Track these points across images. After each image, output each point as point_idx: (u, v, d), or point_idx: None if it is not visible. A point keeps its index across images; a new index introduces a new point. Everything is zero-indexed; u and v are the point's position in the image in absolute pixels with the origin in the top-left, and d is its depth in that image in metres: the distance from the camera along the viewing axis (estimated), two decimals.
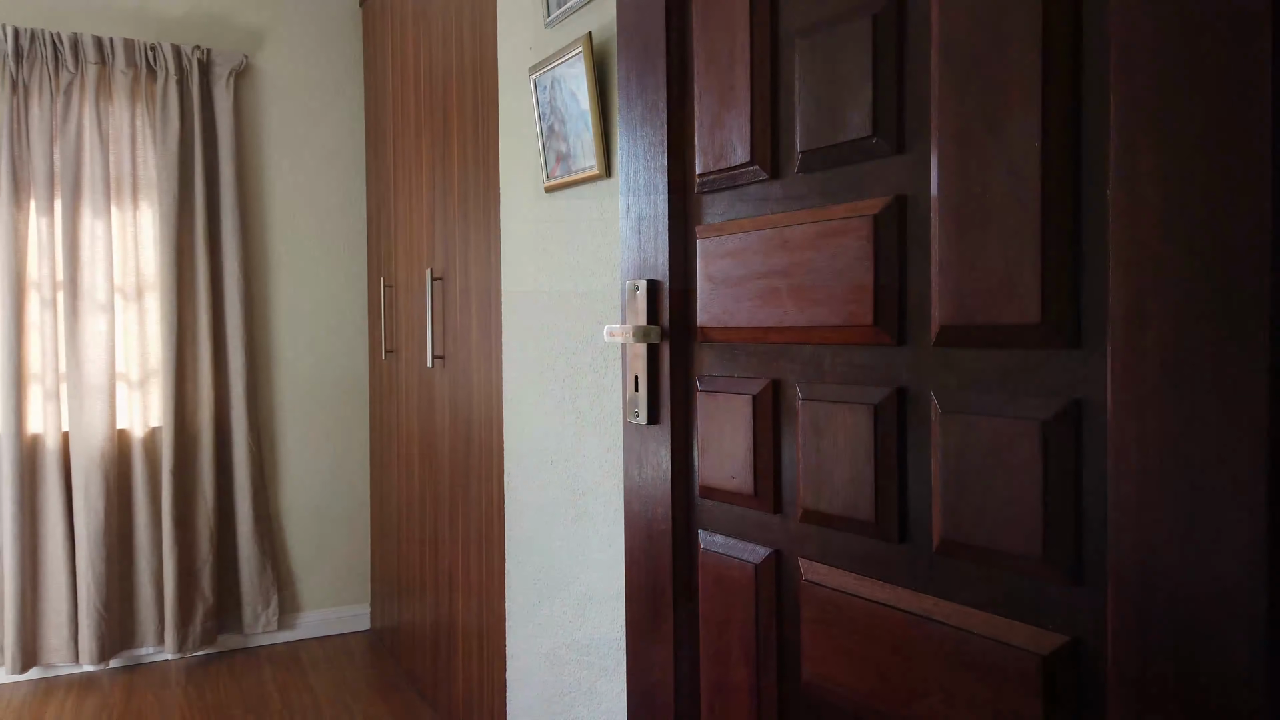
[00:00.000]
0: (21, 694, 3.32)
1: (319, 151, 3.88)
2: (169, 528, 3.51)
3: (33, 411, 3.38)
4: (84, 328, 3.42)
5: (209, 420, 3.60)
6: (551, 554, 2.11)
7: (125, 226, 3.50)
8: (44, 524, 3.39)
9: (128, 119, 3.48)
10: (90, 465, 3.40)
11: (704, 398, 1.27)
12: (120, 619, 3.50)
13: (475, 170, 2.55)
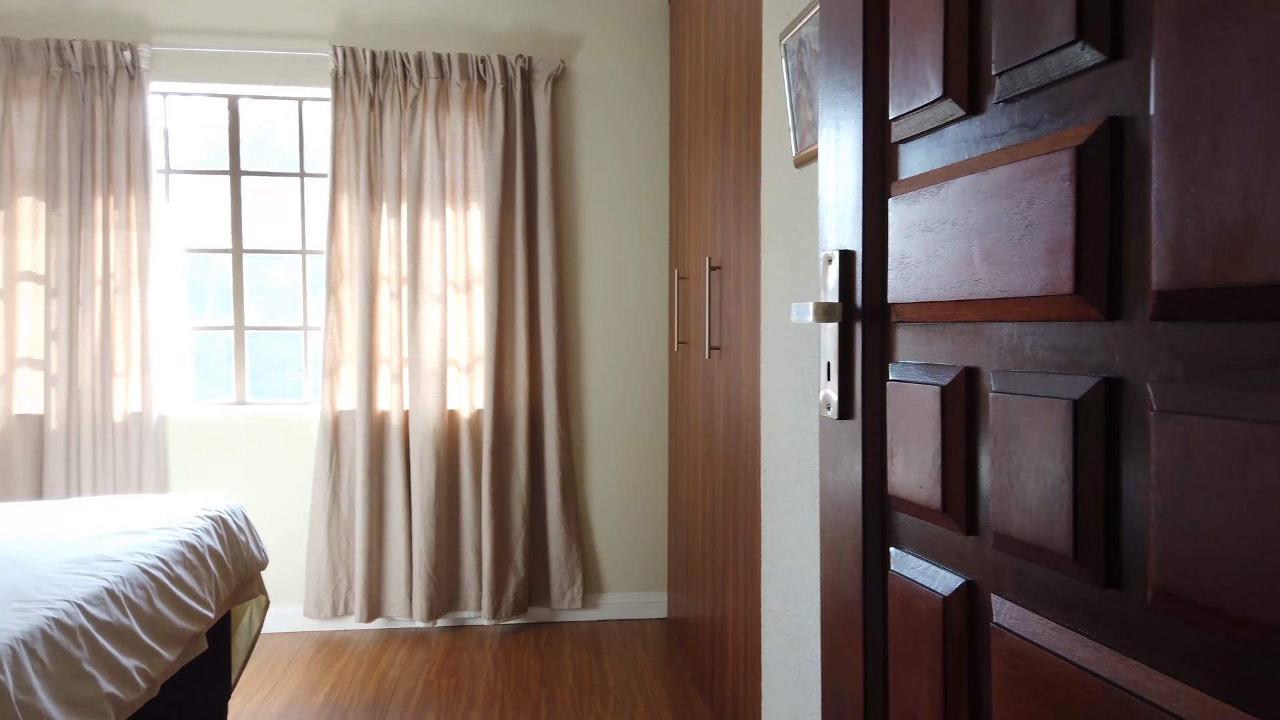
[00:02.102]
0: (367, 640, 3.78)
1: (627, 148, 3.98)
2: (487, 503, 3.80)
3: (381, 391, 3.82)
4: (422, 318, 3.80)
5: (524, 405, 3.85)
6: (794, 557, 1.94)
7: (457, 226, 3.84)
8: (388, 492, 3.82)
9: (461, 127, 3.81)
10: (425, 441, 3.78)
11: (894, 389, 1.05)
12: (446, 583, 3.85)
13: (745, 150, 2.43)
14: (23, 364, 3.64)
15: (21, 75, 3.60)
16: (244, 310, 3.93)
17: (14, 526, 2.42)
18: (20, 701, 1.54)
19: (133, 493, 3.66)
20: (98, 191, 3.63)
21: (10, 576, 1.93)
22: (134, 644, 1.98)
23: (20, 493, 3.62)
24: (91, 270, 3.63)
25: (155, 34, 3.71)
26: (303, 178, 3.97)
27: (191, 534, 2.46)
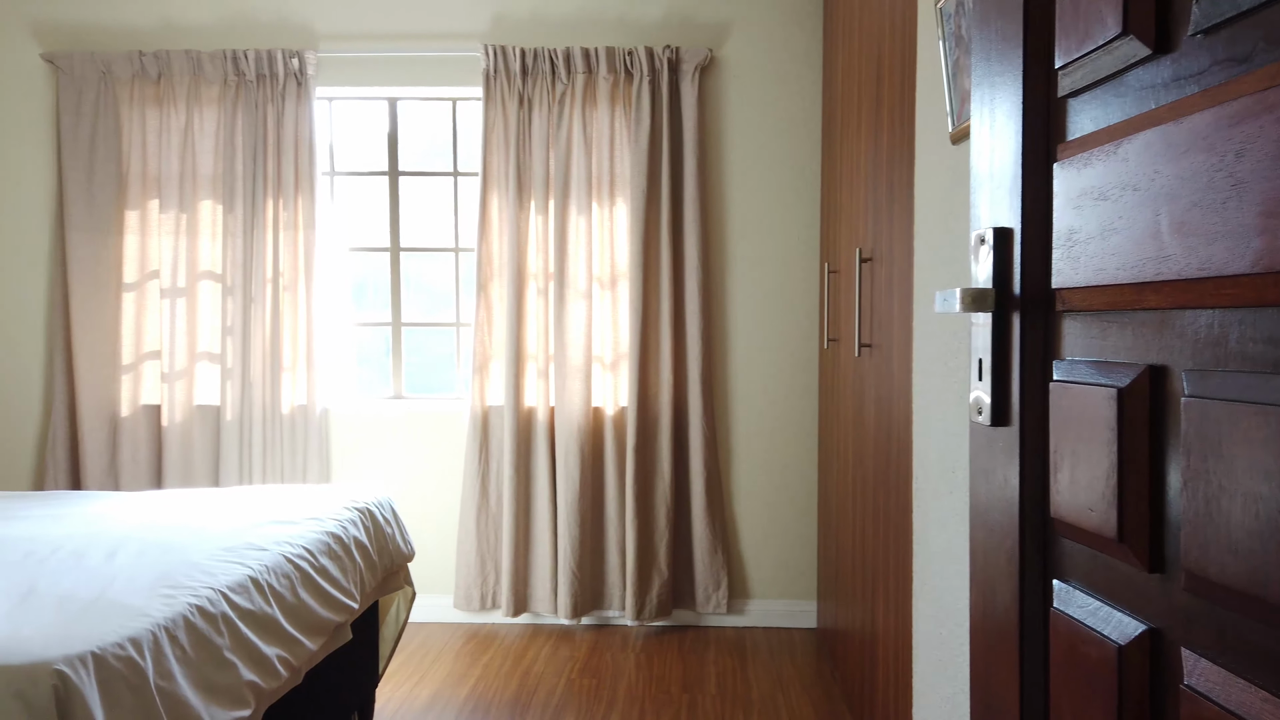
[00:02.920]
0: (514, 634, 3.80)
1: (776, 137, 3.83)
2: (631, 502, 3.74)
3: (528, 387, 3.84)
4: (568, 314, 3.78)
5: (668, 403, 3.76)
6: (948, 576, 1.76)
7: (603, 221, 3.80)
8: (534, 487, 3.83)
9: (607, 121, 3.76)
10: (569, 438, 3.76)
11: (1059, 391, 0.88)
12: (590, 581, 3.82)
13: (898, 129, 2.25)
14: (203, 358, 3.87)
15: (202, 85, 3.82)
16: (401, 307, 4.04)
17: (179, 512, 2.55)
18: (159, 687, 1.58)
19: (298, 481, 3.83)
20: (269, 194, 3.81)
21: (165, 562, 2.01)
22: (276, 632, 2.02)
23: (199, 478, 3.86)
24: (263, 269, 3.81)
25: (321, 40, 3.86)
26: (456, 176, 4.04)
27: (338, 525, 2.51)
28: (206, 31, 3.87)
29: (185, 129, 3.82)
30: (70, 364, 3.85)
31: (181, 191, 3.82)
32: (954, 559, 1.75)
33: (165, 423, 3.83)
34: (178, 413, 3.83)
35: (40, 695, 1.36)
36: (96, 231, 3.83)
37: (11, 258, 3.93)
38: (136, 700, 1.52)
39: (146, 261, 3.85)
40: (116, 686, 1.49)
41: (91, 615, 1.64)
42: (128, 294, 3.84)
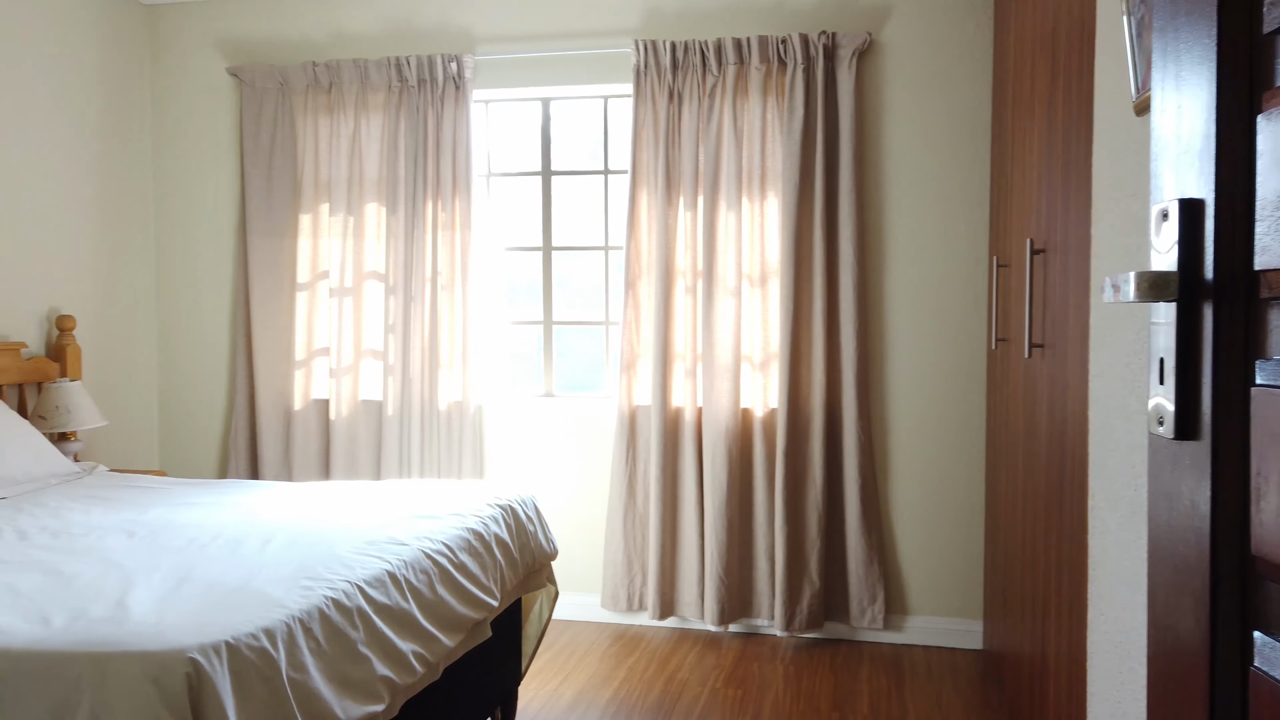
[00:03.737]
0: (660, 638, 3.74)
1: (940, 124, 3.59)
2: (780, 507, 3.60)
3: (675, 387, 3.76)
4: (716, 312, 3.68)
5: (820, 405, 3.60)
6: (1128, 608, 1.54)
7: (753, 217, 3.68)
8: (681, 489, 3.76)
9: (759, 113, 3.64)
10: (717, 440, 3.66)
11: (1263, 397, 0.71)
12: (738, 587, 3.71)
13: (1074, 103, 2.02)
14: (367, 355, 4.03)
15: (369, 92, 3.97)
16: (552, 305, 4.06)
17: (333, 504, 2.62)
18: (291, 679, 1.60)
19: (453, 476, 3.91)
20: (428, 196, 3.91)
21: (310, 553, 2.06)
22: (412, 628, 2.04)
23: (363, 470, 4.01)
24: (422, 269, 3.92)
25: (479, 44, 3.93)
26: (606, 174, 4.02)
27: (480, 522, 2.52)
28: (373, 40, 4.02)
29: (353, 135, 3.98)
30: (250, 360, 4.09)
31: (349, 195, 3.99)
32: (1137, 587, 1.54)
33: (333, 416, 4.00)
34: (344, 407, 4.00)
35: (174, 683, 1.40)
36: (273, 235, 4.05)
37: (203, 260, 4.22)
38: (268, 691, 1.54)
39: (317, 262, 4.04)
40: (249, 677, 1.52)
41: (232, 604, 1.69)
42: (300, 293, 4.04)
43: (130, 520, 2.42)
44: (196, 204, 4.23)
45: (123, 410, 4.08)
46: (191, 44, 4.18)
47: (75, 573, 1.91)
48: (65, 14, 3.78)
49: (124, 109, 4.10)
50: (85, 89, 3.89)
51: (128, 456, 4.10)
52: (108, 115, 4.00)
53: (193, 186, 4.23)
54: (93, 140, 3.93)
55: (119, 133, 4.07)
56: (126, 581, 1.83)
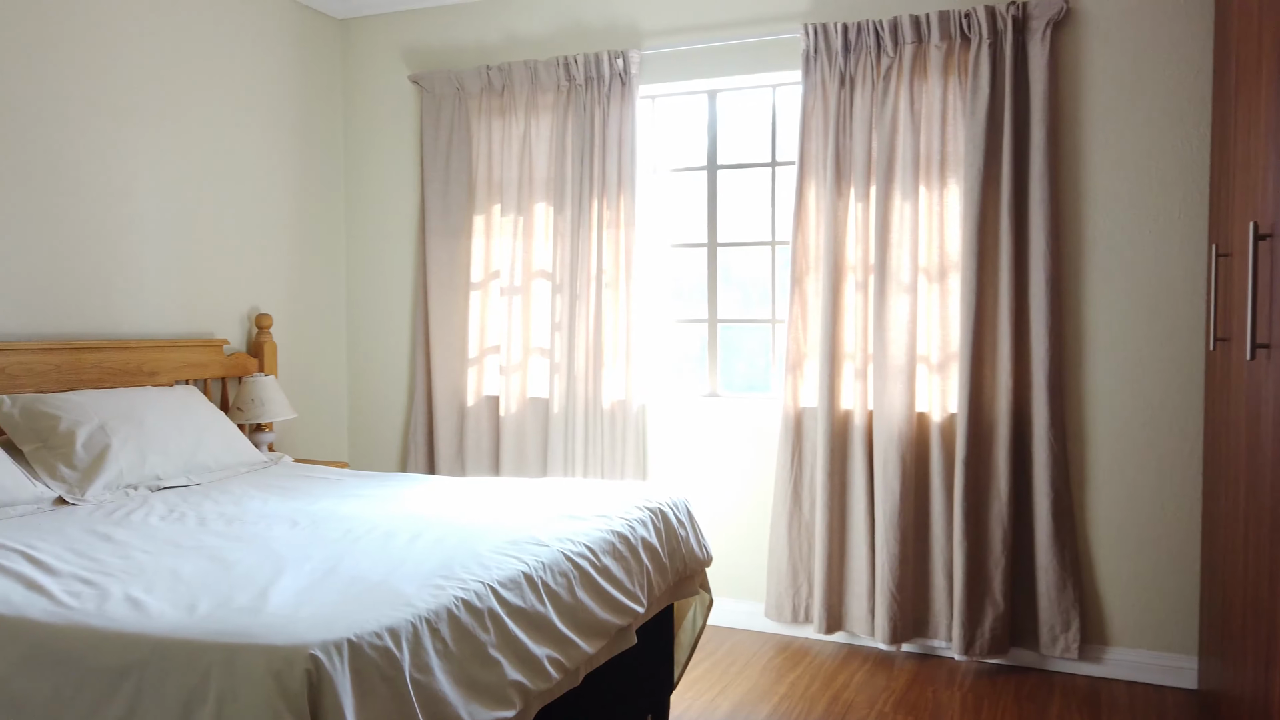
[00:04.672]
0: (826, 653, 3.55)
1: (1151, 98, 3.19)
2: (960, 520, 3.33)
3: (844, 388, 3.56)
4: (889, 309, 3.45)
5: (1006, 411, 3.29)
6: None
7: (931, 206, 3.42)
8: (850, 497, 3.55)
9: (939, 95, 3.38)
10: (889, 446, 3.43)
11: None
12: (912, 605, 3.46)
13: None
14: (535, 352, 4.07)
15: (539, 93, 4.01)
16: (717, 303, 3.95)
17: (486, 501, 2.64)
18: (415, 680, 1.58)
19: (616, 475, 3.89)
20: (594, 194, 3.90)
21: (451, 551, 2.05)
22: (548, 632, 1.99)
23: (530, 467, 4.06)
24: (588, 267, 3.92)
25: (645, 39, 3.88)
26: (774, 167, 3.87)
27: (626, 524, 2.45)
28: (543, 41, 4.05)
29: (524, 136, 4.04)
30: (428, 357, 4.24)
31: (519, 195, 4.04)
32: None
33: (503, 413, 4.08)
34: (513, 404, 4.06)
35: (294, 678, 1.40)
36: (449, 235, 4.18)
37: (388, 261, 4.42)
38: (390, 692, 1.53)
39: (490, 262, 4.13)
40: (370, 676, 1.50)
41: (364, 600, 1.69)
42: (474, 293, 4.14)
43: (299, 510, 2.53)
44: (382, 207, 4.42)
45: (315, 404, 4.33)
46: (379, 54, 4.38)
47: (235, 560, 1.99)
48: (266, 30, 4.05)
49: (318, 118, 4.35)
50: (283, 101, 4.15)
51: (318, 448, 4.35)
52: (303, 125, 4.26)
53: (379, 190, 4.43)
54: (290, 148, 4.19)
55: (313, 141, 4.32)
56: (277, 571, 1.89)
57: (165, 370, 3.49)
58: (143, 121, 3.50)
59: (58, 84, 3.19)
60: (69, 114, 3.23)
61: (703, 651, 3.54)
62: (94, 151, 3.32)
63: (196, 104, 3.73)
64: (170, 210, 3.62)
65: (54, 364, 3.11)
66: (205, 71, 3.76)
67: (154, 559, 2.01)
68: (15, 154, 3.06)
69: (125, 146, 3.43)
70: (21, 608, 1.65)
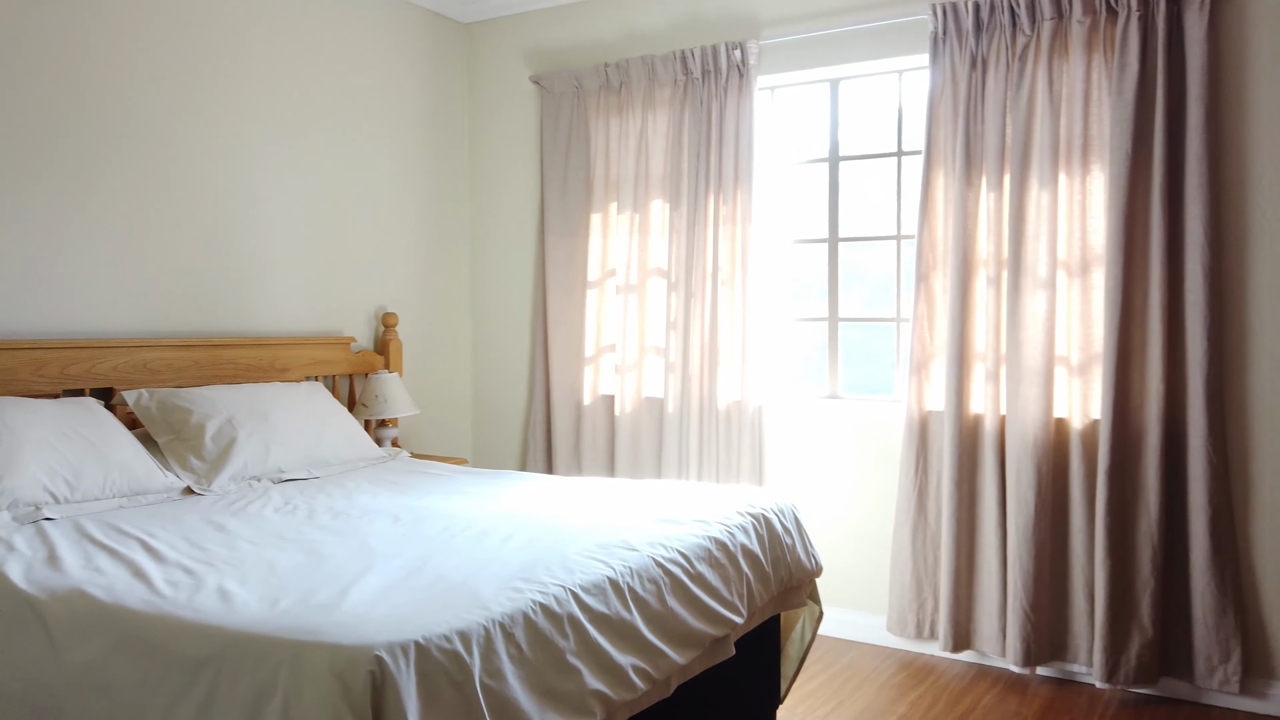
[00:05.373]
0: (952, 672, 3.34)
1: None
2: (1102, 537, 3.05)
3: (973, 391, 3.34)
4: (1023, 307, 3.21)
5: (1156, 418, 3.00)
6: None
7: (1072, 195, 3.15)
8: (979, 507, 3.32)
9: (1081, 74, 3.11)
10: (1023, 453, 3.19)
11: None
12: (1048, 625, 3.21)
13: None
14: (650, 351, 4.02)
15: (656, 88, 3.96)
16: (838, 301, 3.79)
17: (587, 501, 2.59)
18: (485, 686, 1.55)
19: (731, 478, 3.78)
20: (709, 190, 3.81)
21: (539, 552, 2.01)
22: (634, 640, 1.92)
23: (644, 467, 4.01)
24: (703, 264, 3.83)
25: (764, 28, 3.76)
26: (900, 157, 3.67)
27: (725, 531, 2.36)
28: (661, 35, 3.99)
29: (640, 133, 3.99)
30: (546, 356, 4.25)
31: (635, 192, 4.00)
32: None
33: (618, 412, 4.05)
34: (628, 403, 4.03)
35: (358, 679, 1.39)
36: (567, 235, 4.18)
37: (509, 261, 4.47)
38: (458, 697, 1.50)
39: (606, 260, 4.11)
40: (437, 680, 1.48)
41: (440, 601, 1.67)
42: (590, 291, 4.13)
43: (404, 505, 2.56)
44: (504, 208, 4.48)
45: (439, 400, 4.43)
46: (502, 57, 4.44)
47: (330, 554, 2.02)
48: (396, 37, 4.16)
49: (444, 122, 4.44)
50: (411, 105, 4.26)
51: (441, 444, 4.44)
52: (430, 129, 4.36)
53: (501, 191, 4.48)
54: (416, 152, 4.29)
55: (439, 144, 4.41)
56: (365, 568, 1.90)
57: (295, 367, 3.63)
58: (277, 129, 3.65)
59: (200, 97, 3.37)
60: (209, 125, 3.40)
61: (818, 664, 3.40)
62: (231, 159, 3.49)
63: (328, 111, 3.86)
64: (302, 214, 3.77)
65: (192, 360, 3.28)
66: (337, 79, 3.90)
67: (256, 551, 2.06)
68: (160, 164, 3.25)
69: (260, 154, 3.59)
70: (120, 595, 1.72)
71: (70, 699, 1.63)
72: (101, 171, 3.08)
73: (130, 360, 3.09)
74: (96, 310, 3.08)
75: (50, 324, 2.95)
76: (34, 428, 2.49)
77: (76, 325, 3.02)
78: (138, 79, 3.18)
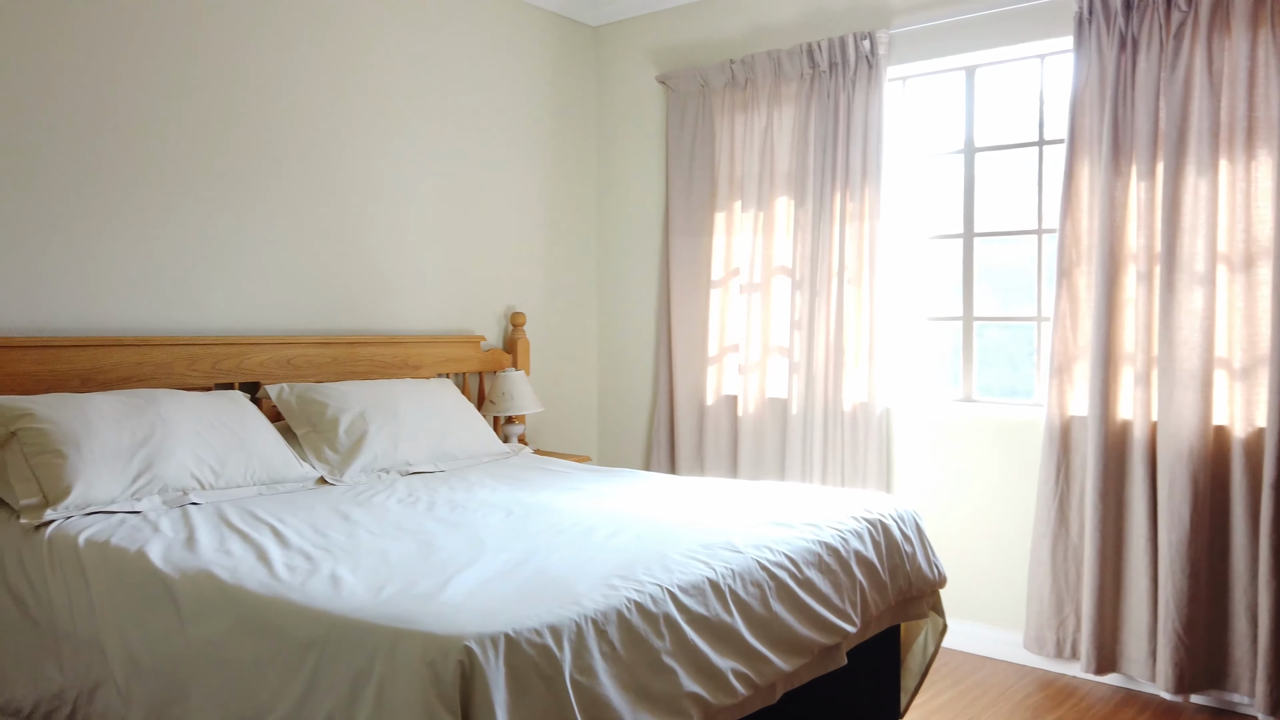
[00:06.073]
0: (1096, 695, 3.13)
1: None
2: (1267, 556, 2.79)
3: (1122, 395, 3.11)
4: (1178, 304, 2.97)
5: None
6: None
7: (1235, 183, 2.89)
8: (1127, 521, 3.09)
9: (1245, 51, 2.85)
10: (1177, 463, 2.95)
11: None
12: (1204, 650, 2.95)
13: None
14: (774, 351, 3.95)
15: (781, 84, 3.88)
16: (973, 299, 3.61)
17: (697, 501, 2.57)
18: (575, 682, 1.55)
19: (858, 482, 3.67)
20: (836, 186, 3.71)
21: (641, 550, 2.00)
22: (735, 644, 1.88)
23: (767, 469, 3.94)
24: (828, 262, 3.73)
25: (894, 16, 3.63)
26: (1041, 146, 3.47)
27: (837, 536, 2.28)
28: (786, 29, 3.92)
29: (765, 130, 3.93)
30: (670, 355, 4.25)
31: (760, 190, 3.94)
32: None
33: (741, 413, 4.00)
34: (751, 404, 3.97)
35: (447, 668, 1.41)
36: (691, 234, 4.16)
37: (635, 260, 4.49)
38: (548, 691, 1.50)
39: (730, 259, 4.06)
40: (526, 674, 1.48)
41: (536, 595, 1.68)
42: (714, 290, 4.10)
43: (519, 500, 2.60)
44: (629, 208, 4.50)
45: (565, 399, 4.49)
46: (628, 58, 4.46)
47: (441, 546, 2.07)
48: (526, 41, 4.26)
49: (572, 124, 4.51)
50: (541, 109, 4.34)
51: (567, 442, 4.50)
52: (558, 131, 4.43)
53: (628, 191, 4.51)
54: (546, 154, 4.37)
55: (568, 146, 4.48)
56: (471, 559, 1.93)
57: (427, 364, 3.76)
58: (412, 136, 3.80)
59: (343, 109, 3.54)
60: (350, 136, 3.57)
61: (946, 679, 3.25)
62: (369, 168, 3.65)
63: (461, 117, 3.99)
64: (436, 217, 3.90)
65: (331, 356, 3.45)
66: (469, 85, 4.01)
67: (374, 540, 2.14)
68: (305, 174, 3.43)
69: (396, 160, 3.74)
70: (242, 577, 1.81)
71: (195, 674, 1.73)
72: (251, 183, 3.28)
73: (275, 356, 3.27)
74: (246, 310, 3.28)
75: (204, 322, 3.17)
76: (186, 418, 2.67)
77: (228, 324, 3.23)
78: (286, 97, 3.37)
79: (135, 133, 2.97)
